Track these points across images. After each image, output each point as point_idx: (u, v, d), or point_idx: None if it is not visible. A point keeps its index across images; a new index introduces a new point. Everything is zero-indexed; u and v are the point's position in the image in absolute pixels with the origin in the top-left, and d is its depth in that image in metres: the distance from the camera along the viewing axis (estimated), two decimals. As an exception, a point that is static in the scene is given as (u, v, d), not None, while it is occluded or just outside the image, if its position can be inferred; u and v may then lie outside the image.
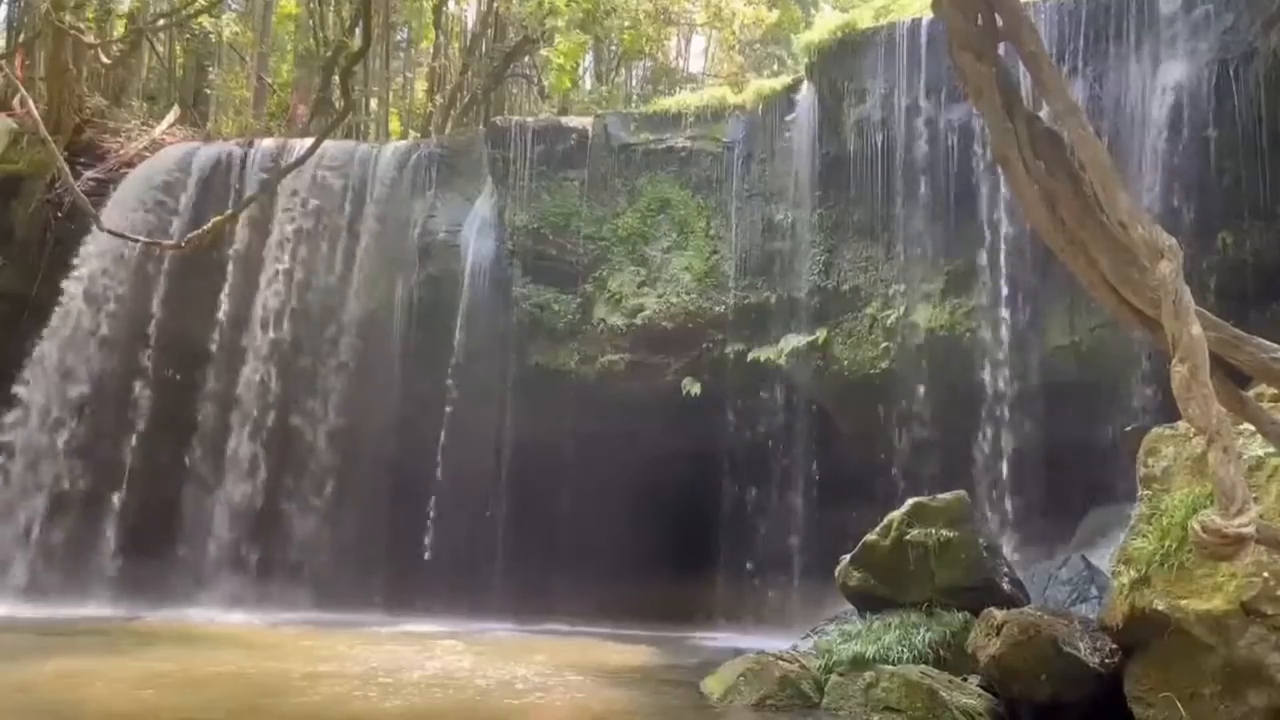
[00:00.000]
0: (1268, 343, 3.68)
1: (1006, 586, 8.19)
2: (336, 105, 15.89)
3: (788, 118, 14.10)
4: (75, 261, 15.31)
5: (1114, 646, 6.11)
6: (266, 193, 14.51)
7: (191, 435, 15.02)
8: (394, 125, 25.00)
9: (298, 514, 14.99)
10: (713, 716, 7.19)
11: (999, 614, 6.67)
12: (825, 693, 7.18)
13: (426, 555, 14.18)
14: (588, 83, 25.04)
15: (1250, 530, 3.08)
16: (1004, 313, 11.84)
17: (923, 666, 7.02)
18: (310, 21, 23.42)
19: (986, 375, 11.94)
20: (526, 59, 23.33)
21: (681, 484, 13.36)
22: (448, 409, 14.53)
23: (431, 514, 14.33)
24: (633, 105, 20.43)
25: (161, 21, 19.14)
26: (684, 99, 15.82)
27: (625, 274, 14.53)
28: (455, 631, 11.85)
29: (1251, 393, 4.60)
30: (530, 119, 16.45)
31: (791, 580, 13.26)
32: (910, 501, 8.68)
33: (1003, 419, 11.75)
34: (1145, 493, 6.34)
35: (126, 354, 15.13)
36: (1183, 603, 5.50)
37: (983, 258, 12.05)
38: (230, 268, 15.44)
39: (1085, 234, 3.76)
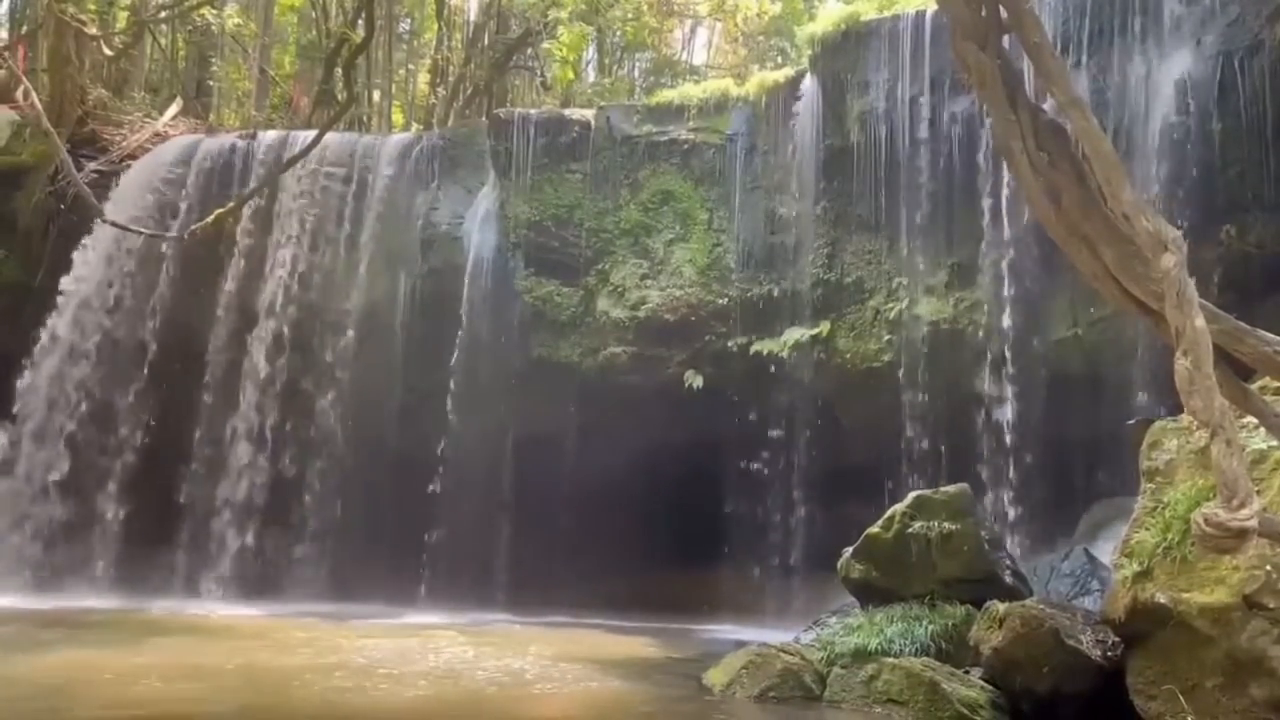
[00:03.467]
0: (1271, 335, 3.68)
1: (1008, 579, 8.20)
2: (339, 97, 15.90)
3: (791, 110, 14.07)
4: (78, 253, 15.32)
5: (1116, 639, 6.11)
6: (269, 185, 14.52)
7: (194, 426, 15.04)
8: (396, 117, 25.01)
9: (300, 505, 15.03)
10: (715, 708, 7.20)
11: (1001, 606, 6.68)
12: (827, 685, 7.19)
13: (429, 547, 14.20)
14: (590, 75, 25.03)
15: (1253, 523, 3.07)
16: (1007, 305, 11.83)
17: (925, 659, 7.03)
18: (313, 13, 23.40)
19: (989, 368, 11.94)
20: (529, 51, 23.30)
21: (683, 476, 13.36)
22: (450, 401, 14.54)
23: (434, 506, 14.35)
24: (635, 97, 20.45)
25: (164, 13, 19.10)
26: (687, 91, 15.78)
27: (628, 266, 14.52)
28: (458, 623, 11.87)
29: (1255, 385, 4.60)
30: (533, 111, 16.42)
31: (793, 572, 13.28)
32: (912, 494, 8.69)
33: (1005, 411, 11.75)
34: (1148, 486, 6.34)
35: (129, 344, 15.15)
36: (1185, 595, 5.50)
37: (986, 250, 12.04)
38: (233, 260, 15.45)
39: (1089, 226, 3.75)
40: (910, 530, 8.25)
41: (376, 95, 24.00)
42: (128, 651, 8.64)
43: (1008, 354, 11.80)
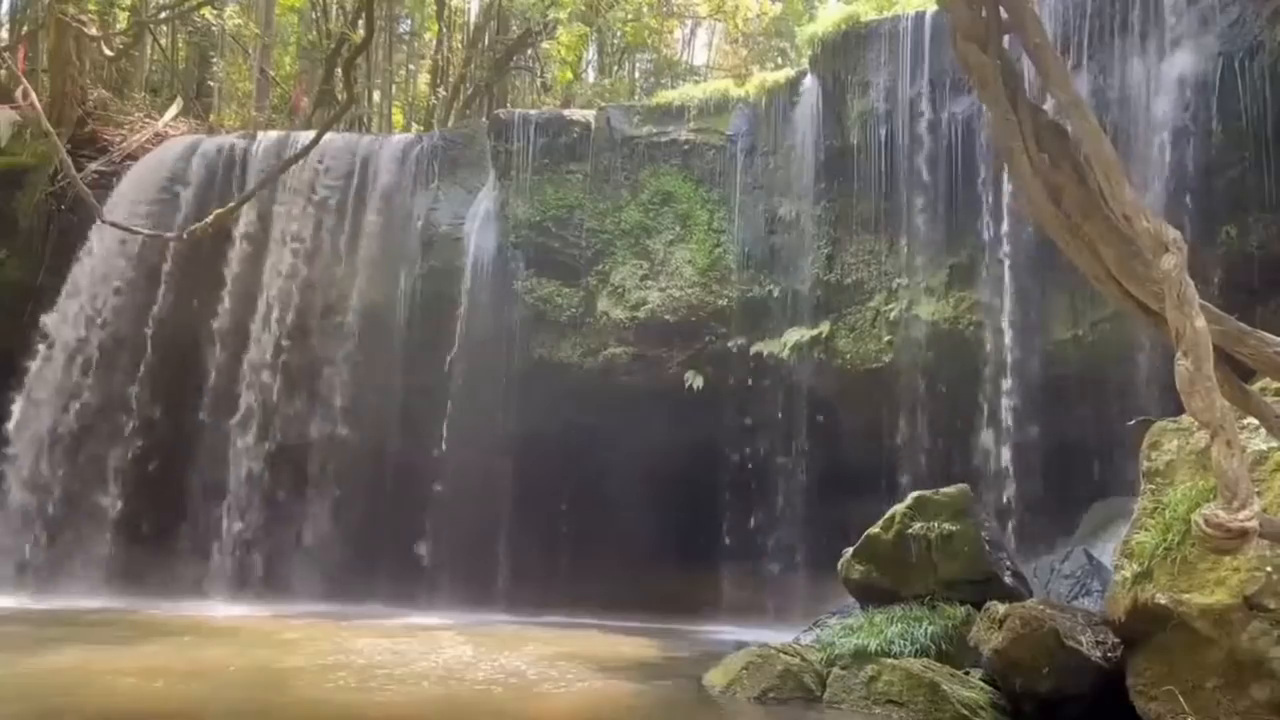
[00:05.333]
0: (1271, 336, 3.68)
1: (1009, 580, 8.19)
2: (339, 98, 15.93)
3: (791, 111, 14.07)
4: (78, 253, 15.33)
5: (1116, 640, 6.11)
6: (269, 185, 14.50)
7: (195, 427, 15.04)
8: (397, 118, 25.03)
9: (300, 506, 15.03)
10: (715, 709, 7.21)
11: (1001, 607, 6.68)
12: (827, 685, 7.19)
13: (428, 547, 14.20)
14: (591, 75, 25.03)
15: (1253, 524, 3.08)
16: (1007, 306, 11.82)
17: (925, 660, 7.04)
18: (313, 14, 23.44)
19: (989, 369, 11.93)
20: (529, 51, 23.33)
21: (683, 477, 13.36)
22: (450, 401, 14.53)
23: (433, 506, 14.35)
24: (636, 98, 20.46)
25: (164, 14, 19.11)
26: (687, 92, 15.79)
27: (628, 267, 14.52)
28: (458, 624, 11.88)
29: (1255, 386, 4.60)
30: (533, 111, 16.43)
31: (794, 573, 13.26)
32: (913, 495, 8.68)
33: (1005, 412, 11.75)
34: (1148, 486, 6.34)
35: (130, 344, 15.14)
36: (1185, 596, 5.50)
37: (986, 251, 12.03)
38: (233, 260, 15.45)
39: (1089, 227, 3.75)
40: (910, 531, 8.25)
41: (377, 96, 24.04)
42: (128, 652, 8.65)
43: (1008, 355, 11.80)
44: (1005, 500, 11.51)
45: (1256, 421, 4.28)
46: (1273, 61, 9.85)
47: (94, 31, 16.95)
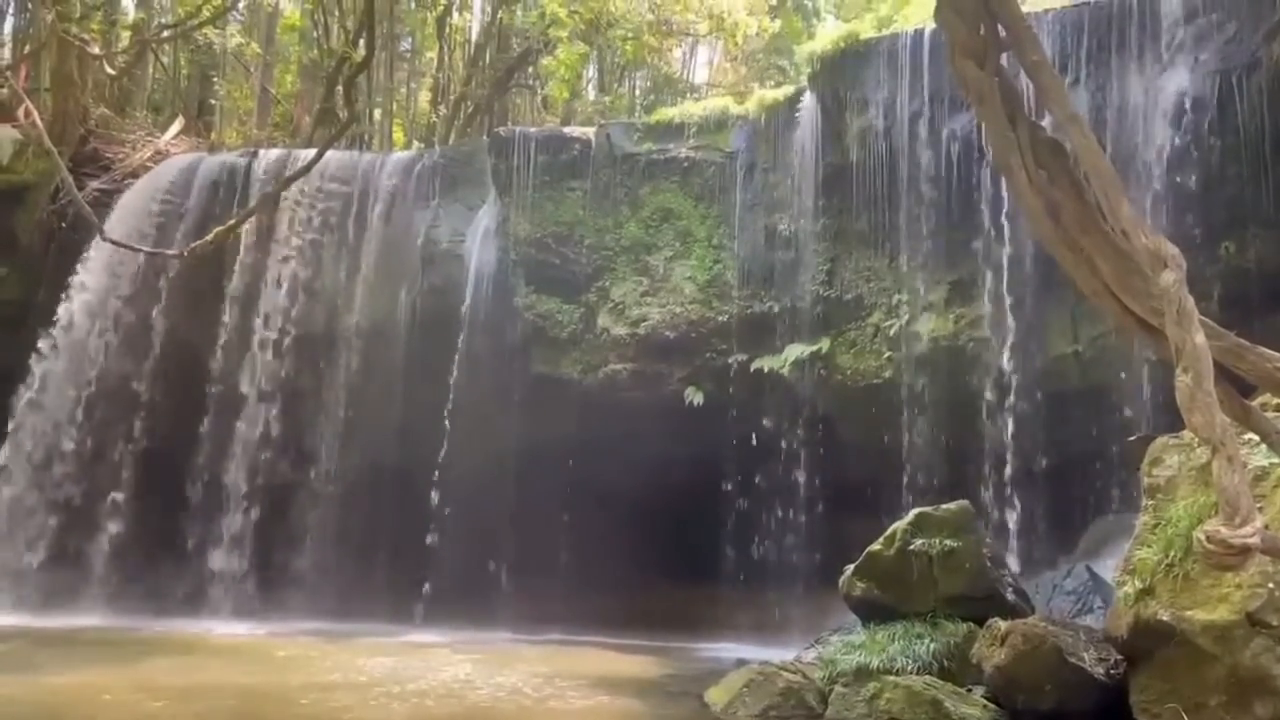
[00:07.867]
0: (1271, 352, 3.68)
1: (1010, 596, 8.17)
2: (340, 115, 15.96)
3: (791, 128, 14.10)
4: (79, 271, 15.34)
5: (1119, 657, 6.09)
6: (270, 203, 14.54)
7: (194, 444, 15.02)
8: (398, 135, 25.08)
9: (300, 523, 14.99)
10: (716, 727, 7.17)
11: (1003, 624, 6.66)
12: (829, 703, 7.16)
13: (428, 564, 14.16)
14: (591, 93, 25.13)
15: (1255, 540, 3.07)
16: (1007, 322, 11.82)
17: (927, 677, 7.00)
18: (314, 32, 23.51)
19: (989, 384, 11.92)
20: (530, 69, 23.43)
21: (684, 493, 13.33)
22: (450, 418, 14.52)
23: (433, 523, 14.32)
24: (636, 115, 20.52)
25: (166, 33, 19.20)
26: (687, 109, 15.84)
27: (628, 283, 14.53)
28: (457, 642, 11.84)
29: (1256, 402, 4.60)
30: (533, 129, 16.49)
31: (795, 590, 13.21)
32: (914, 511, 8.66)
33: (1006, 428, 11.73)
34: (1149, 502, 6.33)
35: (129, 363, 15.15)
36: (1187, 613, 5.48)
37: (985, 267, 12.04)
38: (233, 277, 15.47)
39: (1088, 242, 3.76)
40: (911, 547, 8.22)
41: (378, 114, 24.09)
42: (127, 671, 8.61)
43: (1007, 371, 11.79)
44: (1006, 516, 11.48)
45: (1257, 437, 4.28)
46: (1270, 78, 9.89)
47: (96, 50, 17.01)
